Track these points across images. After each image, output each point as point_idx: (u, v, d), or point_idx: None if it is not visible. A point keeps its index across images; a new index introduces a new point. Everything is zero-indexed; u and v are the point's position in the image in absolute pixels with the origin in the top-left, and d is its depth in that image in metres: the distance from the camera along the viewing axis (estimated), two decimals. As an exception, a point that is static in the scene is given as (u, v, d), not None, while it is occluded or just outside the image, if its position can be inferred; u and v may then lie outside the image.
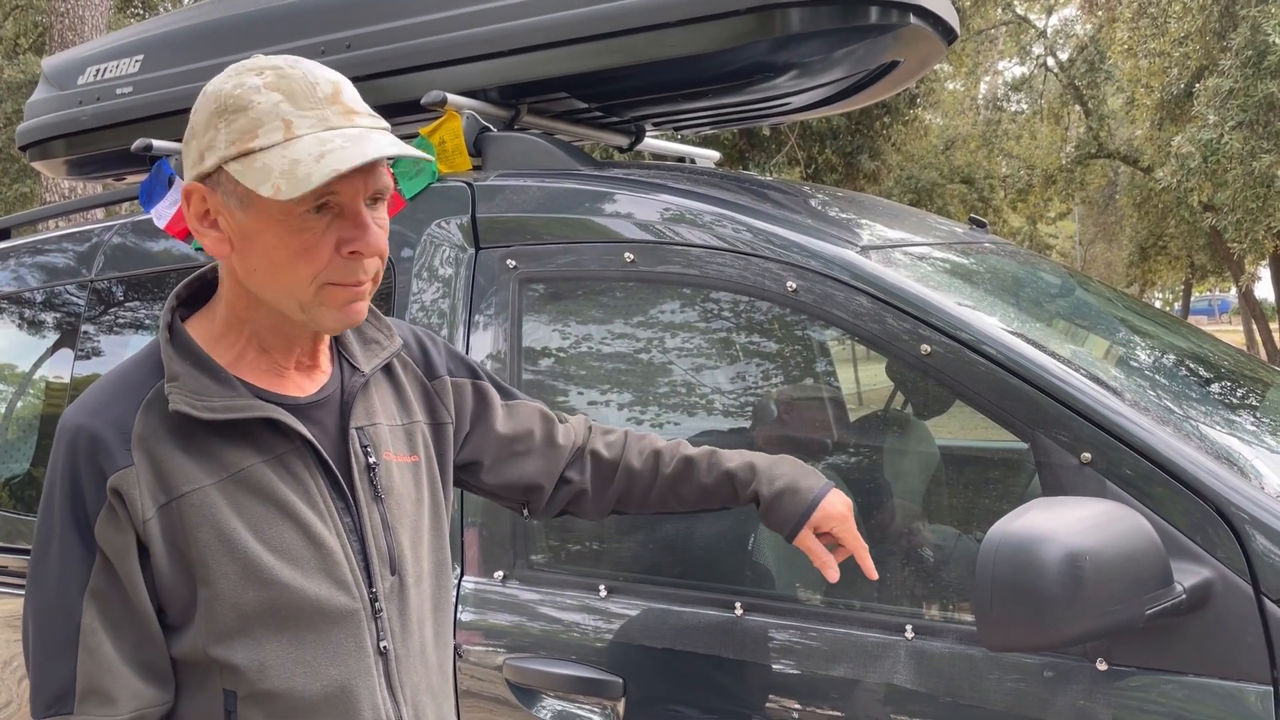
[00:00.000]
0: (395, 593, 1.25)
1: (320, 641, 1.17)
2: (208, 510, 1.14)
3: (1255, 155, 9.35)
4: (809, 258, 1.73)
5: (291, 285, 1.14)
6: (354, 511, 1.22)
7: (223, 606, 1.13)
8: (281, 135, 1.10)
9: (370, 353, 1.32)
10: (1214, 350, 2.27)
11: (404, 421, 1.34)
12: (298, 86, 1.12)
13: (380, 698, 1.21)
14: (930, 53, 2.34)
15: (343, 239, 1.14)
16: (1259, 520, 1.38)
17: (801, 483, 1.48)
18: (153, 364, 1.19)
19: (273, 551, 1.15)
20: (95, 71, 2.77)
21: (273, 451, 1.18)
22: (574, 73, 2.14)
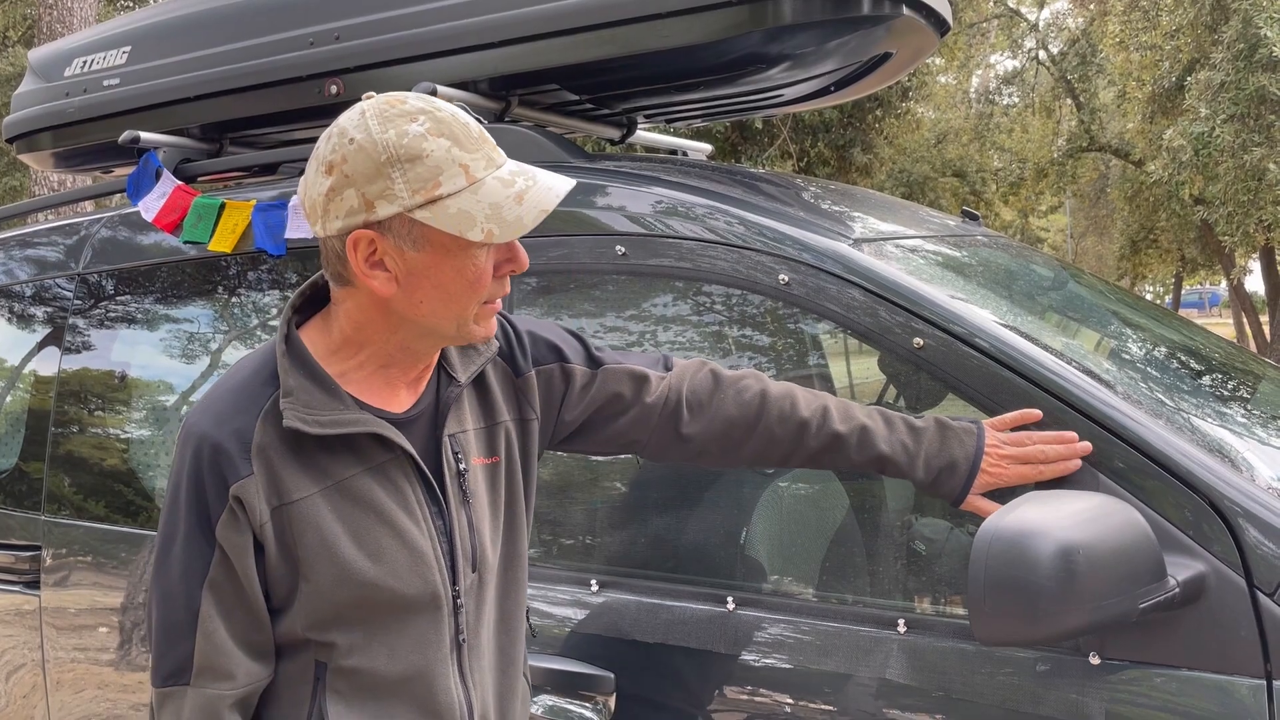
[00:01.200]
0: (474, 588, 1.36)
1: (405, 630, 1.29)
2: (313, 516, 1.25)
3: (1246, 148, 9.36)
4: (801, 250, 1.72)
5: (461, 310, 1.26)
6: (445, 515, 1.33)
7: (320, 600, 1.26)
8: (464, 180, 1.19)
9: (467, 360, 1.40)
10: (1206, 343, 2.27)
11: (488, 424, 1.42)
12: (456, 130, 1.21)
13: (453, 683, 1.33)
14: (923, 45, 2.33)
15: (499, 262, 1.26)
16: (1252, 513, 1.38)
17: (956, 454, 1.49)
18: (269, 373, 1.28)
19: (368, 556, 1.26)
20: (82, 63, 2.75)
21: (374, 461, 1.28)
22: (565, 64, 2.12)
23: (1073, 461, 1.46)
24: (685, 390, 1.55)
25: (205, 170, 2.56)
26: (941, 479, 1.49)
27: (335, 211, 1.21)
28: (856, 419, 1.53)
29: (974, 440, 1.49)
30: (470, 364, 1.40)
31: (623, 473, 1.88)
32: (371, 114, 1.21)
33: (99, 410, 2.45)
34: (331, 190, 1.20)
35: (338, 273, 1.26)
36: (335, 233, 1.22)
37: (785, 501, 1.77)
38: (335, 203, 1.20)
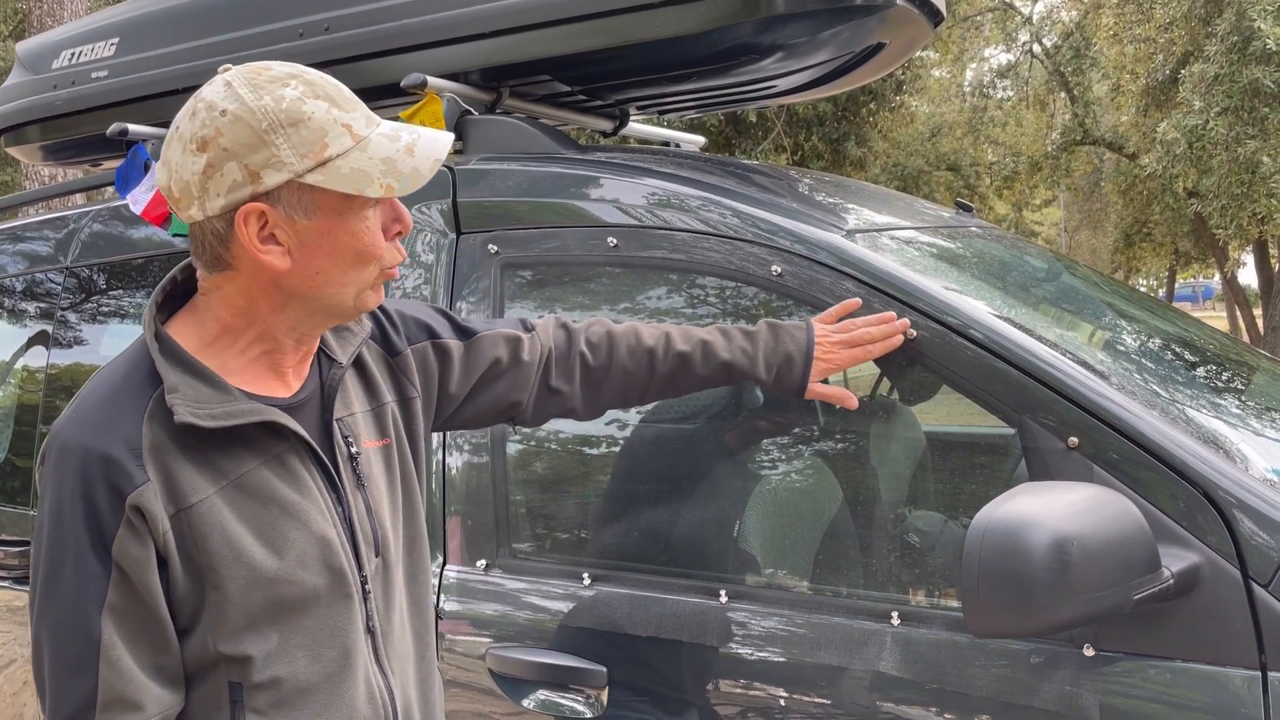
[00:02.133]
0: (380, 574, 1.32)
1: (320, 627, 1.23)
2: (214, 518, 1.17)
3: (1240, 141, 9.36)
4: (794, 241, 1.71)
5: (359, 277, 1.21)
6: (343, 501, 1.28)
7: (232, 608, 1.18)
8: (350, 139, 1.16)
9: (344, 341, 1.36)
10: (1200, 334, 2.26)
11: (374, 406, 1.38)
12: (329, 90, 1.18)
13: (372, 672, 1.28)
14: (916, 35, 2.32)
15: (386, 224, 1.22)
16: (1246, 504, 1.37)
17: (790, 348, 1.60)
18: (144, 373, 1.20)
19: (277, 553, 1.20)
20: (70, 55, 2.73)
21: (270, 452, 1.22)
22: (557, 55, 2.11)
23: (895, 338, 1.59)
24: (550, 344, 1.59)
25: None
26: (782, 374, 1.60)
27: (216, 189, 1.14)
28: (697, 336, 1.62)
29: (804, 334, 1.60)
30: (347, 345, 1.35)
31: (615, 465, 1.87)
32: (239, 83, 1.15)
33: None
34: (209, 167, 1.14)
35: (216, 257, 1.19)
36: (218, 211, 1.15)
37: (778, 494, 1.77)
38: (215, 180, 1.14)
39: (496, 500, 1.86)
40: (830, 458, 1.77)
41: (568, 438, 1.89)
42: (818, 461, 1.76)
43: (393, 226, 1.23)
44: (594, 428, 1.87)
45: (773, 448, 1.81)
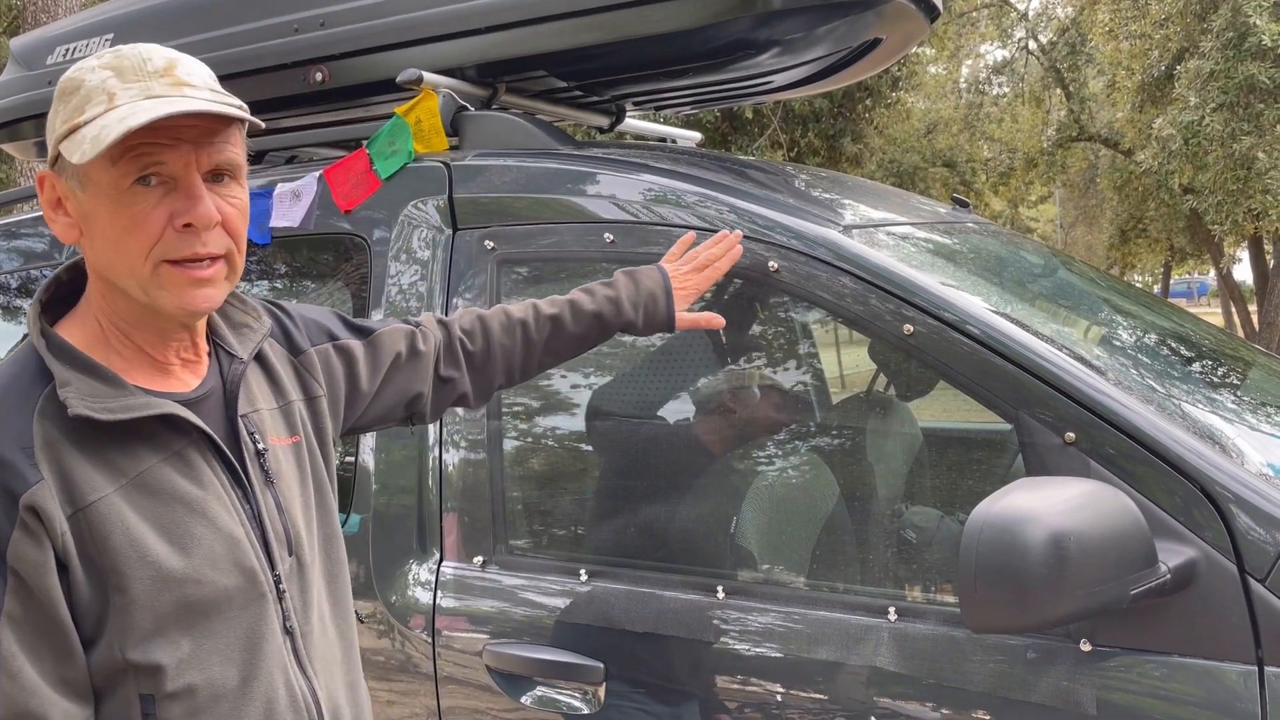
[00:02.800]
0: (295, 573, 1.26)
1: (233, 630, 1.18)
2: (115, 517, 1.11)
3: (1236, 137, 9.37)
4: (791, 237, 1.71)
5: (129, 263, 1.13)
6: (251, 498, 1.23)
7: (139, 611, 1.12)
8: (104, 107, 1.10)
9: (244, 338, 1.32)
10: (1196, 330, 2.26)
11: (280, 404, 1.34)
12: (128, 63, 1.12)
13: (293, 675, 1.23)
14: (913, 31, 2.31)
15: (175, 211, 1.13)
16: (1243, 499, 1.37)
17: (650, 285, 1.67)
18: (32, 371, 1.15)
19: (183, 552, 1.14)
20: (64, 51, 2.72)
21: (171, 448, 1.17)
22: (553, 50, 2.10)
23: (735, 250, 1.69)
24: (437, 336, 1.59)
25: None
26: (649, 311, 1.66)
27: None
28: (562, 299, 1.66)
29: (658, 272, 1.69)
30: (247, 341, 1.31)
31: (611, 461, 1.87)
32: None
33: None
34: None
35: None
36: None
37: (775, 490, 1.77)
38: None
39: (493, 496, 1.86)
40: (827, 454, 1.77)
41: (564, 434, 1.89)
42: (814, 457, 1.76)
43: (180, 217, 1.12)
44: (590, 425, 1.87)
45: (769, 444, 1.81)
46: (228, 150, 1.16)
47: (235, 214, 1.18)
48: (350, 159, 2.09)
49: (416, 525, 1.89)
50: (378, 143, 2.07)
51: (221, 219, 1.16)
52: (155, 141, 1.10)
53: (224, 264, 1.17)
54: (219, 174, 1.16)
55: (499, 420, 1.90)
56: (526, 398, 1.90)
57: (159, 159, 1.11)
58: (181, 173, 1.13)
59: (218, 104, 1.12)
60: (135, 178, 1.11)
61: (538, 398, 1.90)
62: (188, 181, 1.13)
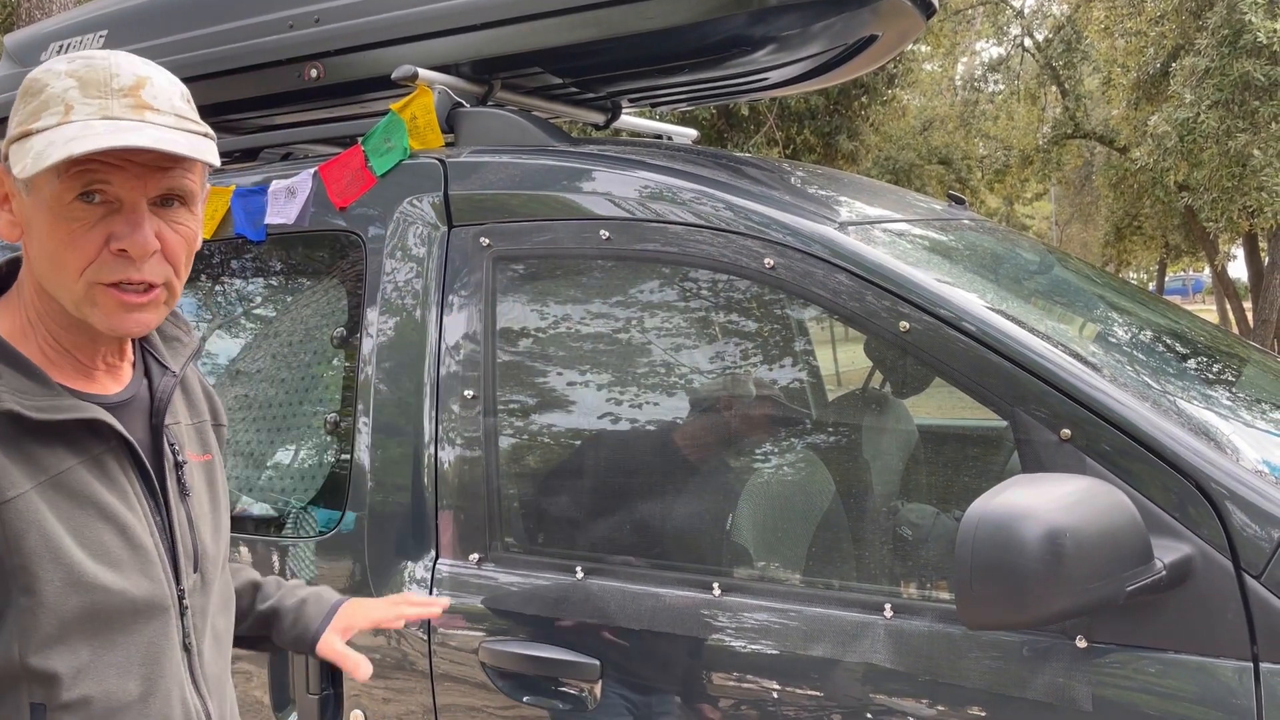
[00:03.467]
0: (198, 589, 1.25)
1: (134, 642, 1.15)
2: (32, 515, 1.08)
3: (1231, 134, 9.39)
4: (787, 234, 1.71)
5: (62, 278, 1.11)
6: (163, 510, 1.21)
7: (45, 614, 1.08)
8: (58, 119, 1.08)
9: (174, 351, 1.31)
10: (1191, 326, 2.27)
11: (195, 420, 1.34)
12: (95, 75, 1.10)
13: (189, 692, 1.21)
14: (908, 27, 2.31)
15: (113, 234, 1.10)
16: (1238, 495, 1.37)
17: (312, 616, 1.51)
18: None
19: (94, 556, 1.12)
20: (58, 48, 2.71)
21: (89, 452, 1.15)
22: (548, 47, 2.10)
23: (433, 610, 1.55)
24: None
25: (184, 156, 2.53)
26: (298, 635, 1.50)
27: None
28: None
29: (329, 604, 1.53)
30: (178, 355, 1.30)
31: (607, 459, 1.87)
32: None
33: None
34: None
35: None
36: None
37: (771, 487, 1.77)
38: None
39: (489, 494, 1.86)
40: (823, 451, 1.77)
41: (560, 431, 1.88)
42: (810, 454, 1.76)
43: (116, 240, 1.10)
44: (586, 421, 1.87)
45: (765, 441, 1.81)
46: (181, 178, 1.13)
47: (179, 241, 1.15)
48: (345, 156, 2.08)
49: (412, 523, 1.89)
50: (373, 139, 2.06)
51: (162, 246, 1.13)
52: (103, 161, 1.08)
53: (162, 290, 1.15)
54: (169, 199, 1.14)
55: (494, 418, 1.90)
56: (521, 395, 1.90)
57: (104, 179, 1.09)
58: (126, 196, 1.10)
59: (168, 141, 1.08)
60: (78, 193, 1.08)
61: (533, 395, 1.90)
62: (130, 206, 1.10)
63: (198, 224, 1.18)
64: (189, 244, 1.17)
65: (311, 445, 2.06)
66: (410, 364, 1.94)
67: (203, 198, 1.20)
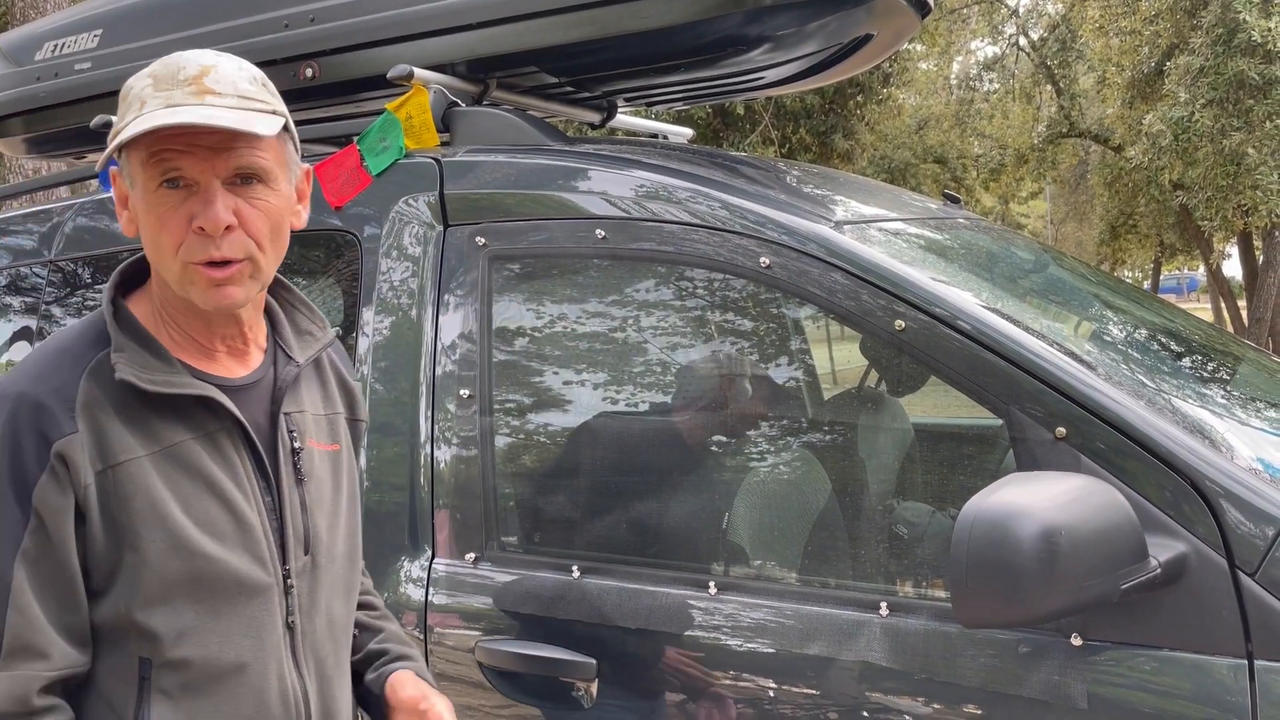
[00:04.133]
0: (307, 571, 1.30)
1: (235, 613, 1.22)
2: (141, 479, 1.18)
3: (1225, 133, 9.40)
4: (783, 233, 1.71)
5: (164, 260, 1.21)
6: (274, 492, 1.28)
7: (149, 573, 1.17)
8: (134, 114, 1.18)
9: (304, 344, 1.38)
10: (1186, 325, 2.27)
11: (327, 412, 1.40)
12: (166, 71, 1.19)
13: (286, 669, 1.26)
14: (904, 26, 2.32)
15: (193, 214, 1.18)
16: (1232, 493, 1.38)
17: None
18: (93, 336, 1.24)
19: (198, 525, 1.20)
20: (53, 47, 2.71)
21: (204, 429, 1.24)
22: (544, 46, 2.10)
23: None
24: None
25: (179, 155, 2.53)
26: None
27: None
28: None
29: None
30: (307, 347, 1.38)
31: (604, 458, 1.87)
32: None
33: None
34: None
35: None
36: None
37: (767, 486, 1.77)
38: None
39: (485, 493, 1.86)
40: (819, 449, 1.77)
41: (556, 430, 1.88)
42: (806, 453, 1.77)
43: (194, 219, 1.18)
44: (583, 420, 1.87)
45: (761, 440, 1.81)
46: (250, 155, 1.20)
47: (258, 216, 1.21)
48: (341, 155, 2.08)
49: (408, 522, 1.89)
50: (368, 139, 2.06)
51: (240, 221, 1.20)
52: (172, 148, 1.17)
53: (247, 265, 1.22)
54: (245, 178, 1.20)
55: (490, 417, 1.90)
56: (517, 394, 1.90)
57: (176, 164, 1.17)
58: (199, 177, 1.18)
59: (213, 116, 1.15)
60: (160, 181, 1.18)
61: (529, 394, 1.90)
62: (204, 186, 1.18)
63: (282, 199, 1.24)
64: (271, 219, 1.23)
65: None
66: (406, 363, 1.94)
67: (294, 175, 1.29)
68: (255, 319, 1.33)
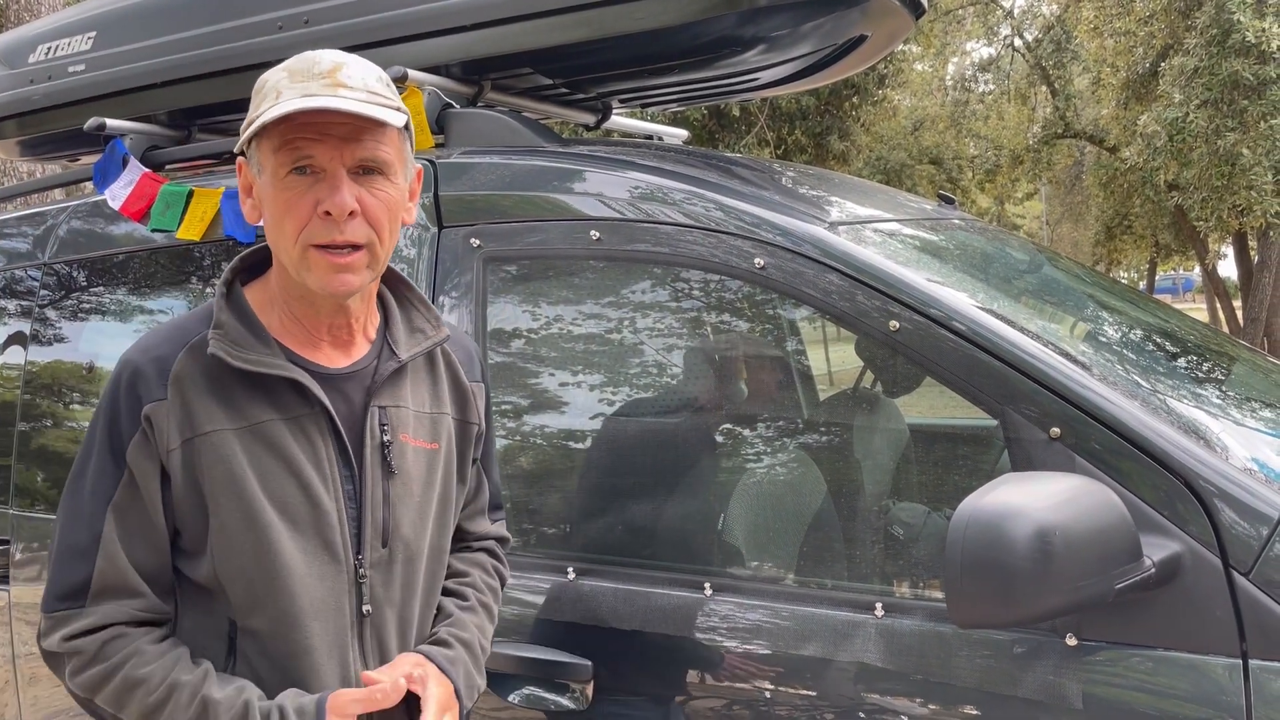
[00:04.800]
0: (384, 563, 1.33)
1: (305, 594, 1.26)
2: (223, 450, 1.25)
3: (1220, 134, 9.41)
4: (778, 234, 1.71)
5: (285, 244, 1.26)
6: (356, 480, 1.31)
7: (226, 540, 1.25)
8: (270, 103, 1.22)
9: (414, 340, 1.41)
10: (1180, 325, 2.27)
11: (432, 410, 1.42)
12: (301, 65, 1.25)
13: (352, 657, 1.30)
14: (898, 27, 2.32)
15: (319, 199, 1.24)
16: (1226, 493, 1.38)
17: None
18: (205, 314, 1.32)
19: (273, 502, 1.25)
20: (46, 49, 2.70)
21: (291, 412, 1.29)
22: (538, 47, 2.10)
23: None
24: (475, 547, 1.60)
25: (173, 157, 2.53)
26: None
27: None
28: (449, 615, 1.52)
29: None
30: (415, 344, 1.40)
31: (599, 459, 1.87)
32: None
33: (68, 402, 2.42)
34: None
35: None
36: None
37: (762, 487, 1.77)
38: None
39: None
40: (814, 450, 1.77)
41: (552, 432, 1.88)
42: (801, 454, 1.77)
43: (321, 204, 1.24)
44: (577, 422, 1.87)
45: (757, 441, 1.81)
46: (375, 147, 1.26)
47: (378, 206, 1.27)
48: (335, 157, 2.08)
49: (403, 524, 1.89)
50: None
51: (362, 209, 1.25)
52: (305, 136, 1.23)
53: (365, 253, 1.27)
54: (368, 169, 1.26)
55: (486, 418, 1.89)
56: (513, 396, 1.90)
57: (308, 152, 1.23)
58: (328, 165, 1.24)
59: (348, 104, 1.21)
60: (291, 167, 1.24)
61: (524, 396, 1.90)
62: (331, 173, 1.24)
63: (399, 193, 1.30)
64: (389, 209, 1.28)
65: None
66: (401, 365, 1.93)
67: (409, 172, 1.34)
68: (365, 310, 1.37)
